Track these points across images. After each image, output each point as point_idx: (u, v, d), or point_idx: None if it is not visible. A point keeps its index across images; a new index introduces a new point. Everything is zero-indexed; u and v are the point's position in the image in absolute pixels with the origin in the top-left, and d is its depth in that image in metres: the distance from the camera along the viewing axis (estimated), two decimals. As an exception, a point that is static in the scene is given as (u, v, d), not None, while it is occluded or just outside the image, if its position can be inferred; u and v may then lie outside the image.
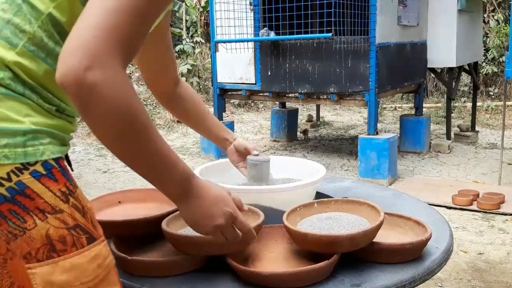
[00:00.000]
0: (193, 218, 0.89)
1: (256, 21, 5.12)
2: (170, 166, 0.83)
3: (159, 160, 0.81)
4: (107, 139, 0.77)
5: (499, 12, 9.67)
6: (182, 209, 0.90)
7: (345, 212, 1.17)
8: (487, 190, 4.09)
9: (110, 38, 0.73)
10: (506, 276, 2.76)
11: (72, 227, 0.82)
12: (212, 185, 0.92)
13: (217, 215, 0.89)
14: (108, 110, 0.73)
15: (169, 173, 0.84)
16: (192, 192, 0.88)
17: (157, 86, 1.30)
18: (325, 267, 0.97)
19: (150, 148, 0.79)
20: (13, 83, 0.80)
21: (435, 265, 1.06)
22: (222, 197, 0.91)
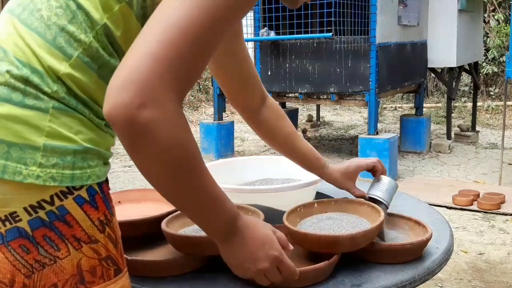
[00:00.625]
0: (235, 260, 0.85)
1: (256, 21, 5.12)
2: (219, 206, 0.79)
3: (208, 200, 0.77)
4: (157, 179, 0.72)
5: (500, 12, 9.67)
6: (224, 250, 0.85)
7: (345, 212, 1.17)
8: (488, 190, 4.09)
9: (169, 72, 0.66)
10: (506, 276, 2.76)
11: (104, 258, 0.78)
12: (258, 225, 0.87)
13: (262, 259, 0.83)
14: (161, 151, 0.67)
15: (217, 213, 0.79)
16: (237, 233, 0.82)
17: (237, 102, 1.19)
18: (325, 267, 0.97)
19: (201, 189, 0.75)
20: (67, 97, 0.74)
21: (436, 265, 1.06)
22: (268, 239, 0.85)
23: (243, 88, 1.15)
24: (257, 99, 1.18)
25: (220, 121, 5.66)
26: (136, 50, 0.67)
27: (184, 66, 0.68)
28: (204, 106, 8.80)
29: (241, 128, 7.43)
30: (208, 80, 9.24)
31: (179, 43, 0.66)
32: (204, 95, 9.14)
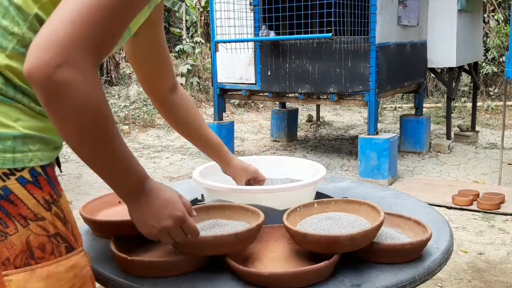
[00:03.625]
0: (141, 218, 0.90)
1: (256, 21, 5.12)
2: (129, 168, 0.85)
3: (119, 161, 0.82)
4: (71, 138, 0.77)
5: (499, 12, 9.67)
6: (131, 209, 0.90)
7: (345, 212, 1.17)
8: (487, 190, 4.09)
9: (85, 36, 0.72)
10: (506, 276, 2.76)
11: (52, 235, 0.83)
12: (164, 188, 0.93)
13: (165, 217, 0.90)
14: (74, 110, 0.73)
15: (127, 174, 0.85)
16: (143, 193, 0.88)
17: (150, 88, 1.26)
18: (325, 267, 0.97)
19: (112, 150, 0.80)
20: (4, 87, 0.80)
21: (435, 265, 1.06)
22: (172, 200, 0.91)
23: (156, 74, 1.21)
24: (168, 86, 1.25)
25: (220, 121, 5.66)
26: (57, 15, 0.73)
27: (101, 31, 0.74)
28: (204, 106, 8.80)
29: (241, 128, 7.43)
30: (208, 80, 9.24)
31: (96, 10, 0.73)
32: (204, 95, 9.14)
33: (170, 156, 5.80)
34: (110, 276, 1.02)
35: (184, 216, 0.92)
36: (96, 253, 1.13)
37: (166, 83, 1.24)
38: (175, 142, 6.56)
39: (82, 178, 4.83)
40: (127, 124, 7.23)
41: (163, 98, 1.27)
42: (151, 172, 5.11)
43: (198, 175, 1.35)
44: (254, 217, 1.09)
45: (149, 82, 1.24)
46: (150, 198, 0.89)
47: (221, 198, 1.25)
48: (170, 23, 13.71)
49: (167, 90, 1.26)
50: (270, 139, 6.71)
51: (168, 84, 1.25)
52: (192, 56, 9.68)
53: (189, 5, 11.53)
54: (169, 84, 1.25)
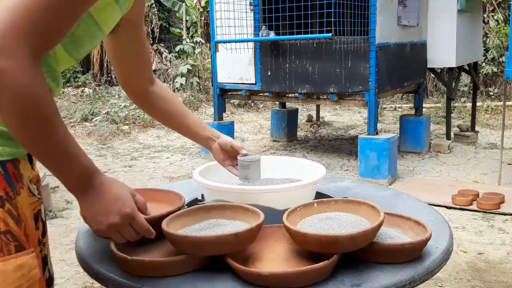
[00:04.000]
0: (89, 213, 0.90)
1: (256, 21, 5.12)
2: (72, 159, 0.84)
3: (61, 153, 0.82)
4: (11, 127, 0.77)
5: (499, 12, 9.68)
6: (80, 203, 0.90)
7: (345, 212, 1.17)
8: (487, 190, 4.09)
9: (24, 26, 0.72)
10: (506, 276, 2.76)
11: (2, 232, 0.83)
12: (116, 184, 0.92)
13: (113, 213, 0.89)
14: (10, 99, 0.73)
15: (70, 166, 0.84)
16: (92, 188, 0.88)
17: (130, 85, 1.26)
18: (325, 267, 0.97)
19: (53, 140, 0.80)
20: None
21: (435, 265, 1.06)
22: (122, 196, 0.91)
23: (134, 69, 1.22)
24: (146, 79, 1.26)
25: (220, 121, 5.66)
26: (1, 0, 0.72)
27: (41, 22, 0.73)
28: (204, 106, 8.80)
29: (241, 128, 7.43)
30: (208, 80, 9.24)
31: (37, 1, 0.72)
32: (204, 95, 9.14)
33: (170, 156, 5.80)
34: (110, 276, 1.02)
35: (133, 213, 0.91)
36: (96, 253, 1.13)
37: (144, 77, 1.25)
38: (175, 142, 6.56)
39: (82, 178, 4.83)
40: (127, 124, 7.24)
41: (143, 93, 1.27)
42: (151, 172, 5.11)
43: (198, 175, 1.35)
44: (254, 217, 1.09)
45: (128, 78, 1.25)
46: (99, 193, 0.88)
47: (221, 198, 1.25)
48: (170, 23, 13.71)
49: (145, 84, 1.26)
50: (270, 139, 6.71)
51: (145, 78, 1.25)
52: (192, 56, 9.68)
53: (189, 5, 11.54)
54: (147, 78, 1.26)
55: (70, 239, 3.32)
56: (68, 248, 3.18)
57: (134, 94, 1.28)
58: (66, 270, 2.91)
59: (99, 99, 8.59)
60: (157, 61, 10.98)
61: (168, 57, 11.11)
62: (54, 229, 3.53)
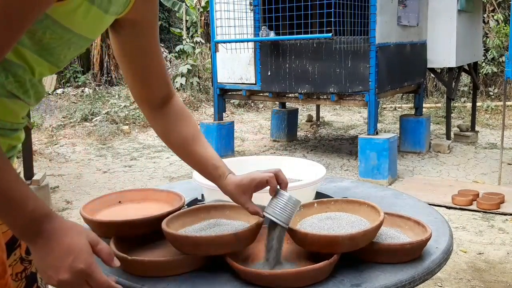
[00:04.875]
0: (40, 264, 0.79)
1: (256, 21, 5.12)
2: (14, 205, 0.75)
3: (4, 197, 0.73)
4: None
5: (499, 12, 9.68)
6: (32, 251, 0.80)
7: (345, 212, 1.17)
8: (487, 190, 4.09)
9: None
10: (506, 276, 2.76)
11: None
12: (71, 231, 0.79)
13: (64, 269, 0.76)
14: None
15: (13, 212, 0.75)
16: (41, 236, 0.77)
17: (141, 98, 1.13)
18: (325, 267, 0.97)
19: None
20: None
21: (435, 265, 1.06)
22: (76, 248, 0.77)
23: (145, 82, 1.10)
24: (160, 96, 1.12)
25: (220, 121, 5.66)
26: None
27: None
28: (204, 106, 8.80)
29: (241, 128, 7.43)
30: (208, 81, 9.24)
31: None
32: (204, 95, 9.14)
33: (170, 156, 5.80)
34: (111, 276, 1.02)
35: (89, 270, 0.77)
36: (97, 253, 1.13)
37: (159, 92, 1.11)
38: (175, 142, 6.55)
39: (82, 178, 4.83)
40: (127, 124, 7.24)
41: (153, 109, 1.13)
42: (151, 172, 5.11)
43: (198, 175, 1.35)
44: (254, 217, 1.09)
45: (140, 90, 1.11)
46: (50, 242, 0.77)
47: (221, 198, 1.25)
48: (170, 23, 13.72)
49: (159, 100, 1.12)
50: (270, 139, 6.71)
51: (160, 95, 1.12)
52: (192, 56, 9.68)
53: (189, 5, 11.54)
54: (161, 95, 1.12)
55: (70, 239, 3.32)
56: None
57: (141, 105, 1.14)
58: (66, 270, 2.91)
59: (99, 99, 8.60)
60: (157, 61, 10.97)
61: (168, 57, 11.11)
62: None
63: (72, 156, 5.79)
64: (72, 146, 6.28)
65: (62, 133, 6.85)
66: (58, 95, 8.96)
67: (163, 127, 1.14)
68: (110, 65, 10.15)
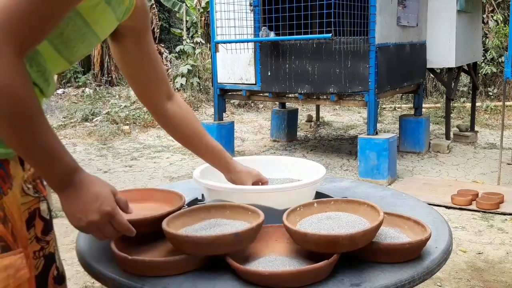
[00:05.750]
0: (69, 210, 0.90)
1: (256, 21, 5.12)
2: (54, 157, 0.85)
3: (42, 151, 0.83)
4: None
5: (498, 12, 9.68)
6: (61, 200, 0.90)
7: (344, 212, 1.17)
8: (486, 190, 4.10)
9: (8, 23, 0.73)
10: (505, 275, 2.77)
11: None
12: (97, 182, 0.93)
13: (93, 211, 0.90)
14: None
15: (52, 163, 0.85)
16: (73, 185, 0.89)
17: (146, 98, 1.24)
18: (325, 267, 0.97)
19: (34, 139, 0.81)
20: None
21: (435, 264, 1.07)
22: (102, 194, 0.91)
23: (149, 83, 1.20)
24: (164, 95, 1.24)
25: (220, 121, 5.67)
26: None
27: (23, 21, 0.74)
28: (204, 107, 8.80)
29: (241, 128, 7.43)
30: (208, 81, 9.24)
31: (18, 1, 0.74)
32: (204, 96, 9.15)
33: (170, 156, 5.80)
34: (111, 275, 1.02)
35: (113, 212, 0.91)
36: (97, 253, 1.14)
37: (161, 92, 1.23)
38: (176, 142, 6.56)
39: (82, 178, 4.83)
40: (127, 124, 7.24)
41: (160, 108, 1.25)
42: (151, 172, 5.12)
43: (199, 175, 1.36)
44: (254, 217, 1.10)
45: (144, 93, 1.23)
46: (79, 191, 0.89)
47: (221, 198, 1.26)
48: (171, 24, 13.71)
49: (163, 100, 1.24)
50: (270, 139, 6.71)
51: (163, 93, 1.24)
52: (192, 57, 9.68)
53: (190, 5, 11.54)
54: (164, 93, 1.24)
55: (71, 238, 3.32)
56: (69, 247, 3.18)
57: (150, 109, 1.27)
58: (66, 269, 2.89)
59: (100, 99, 8.60)
60: (157, 61, 10.97)
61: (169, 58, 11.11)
62: (55, 229, 3.53)
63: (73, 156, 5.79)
64: (72, 146, 6.28)
65: (63, 133, 6.85)
66: (59, 95, 8.96)
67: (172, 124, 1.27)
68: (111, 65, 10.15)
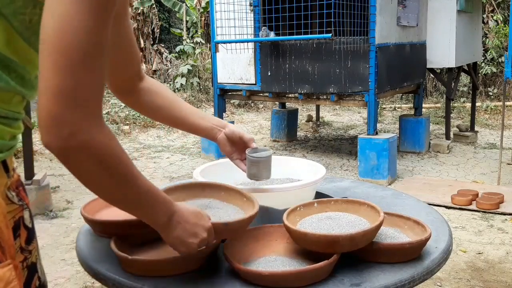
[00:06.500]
0: (180, 240, 0.93)
1: (256, 21, 5.12)
2: (155, 201, 0.89)
3: (144, 199, 0.86)
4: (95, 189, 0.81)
5: (498, 12, 9.68)
6: (168, 235, 0.93)
7: (344, 212, 1.17)
8: (486, 190, 4.10)
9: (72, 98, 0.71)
10: (505, 275, 2.77)
11: None
12: (187, 206, 0.97)
13: (201, 230, 0.94)
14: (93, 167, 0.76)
15: (155, 207, 0.89)
16: (177, 216, 0.92)
17: (115, 80, 1.16)
18: (325, 267, 0.97)
19: (135, 190, 0.84)
20: None
21: (435, 264, 1.07)
22: (199, 214, 0.96)
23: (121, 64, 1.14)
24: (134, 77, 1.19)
25: (220, 121, 5.66)
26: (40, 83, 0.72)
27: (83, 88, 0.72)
28: (204, 107, 8.80)
29: (241, 128, 7.43)
30: (208, 81, 9.24)
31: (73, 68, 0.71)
32: (204, 96, 9.15)
33: (170, 156, 5.80)
34: (111, 275, 1.02)
35: (211, 226, 0.97)
36: (97, 253, 1.14)
37: (130, 72, 1.17)
38: (176, 142, 6.56)
39: (82, 178, 4.83)
40: (127, 124, 7.24)
41: (129, 89, 1.19)
42: (151, 172, 5.12)
43: (198, 175, 1.35)
44: (248, 205, 1.09)
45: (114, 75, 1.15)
46: (184, 216, 0.93)
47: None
48: (171, 24, 13.71)
49: (132, 80, 1.18)
50: (270, 139, 6.72)
51: (132, 74, 1.17)
52: (192, 57, 9.69)
53: (190, 5, 11.54)
54: (134, 74, 1.18)
55: (70, 238, 3.32)
56: (69, 247, 3.18)
57: (117, 89, 1.19)
58: (66, 269, 2.91)
59: (99, 99, 8.58)
60: (157, 62, 10.98)
61: (169, 58, 11.12)
62: (55, 229, 3.54)
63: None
64: (72, 146, 6.27)
65: (62, 133, 6.84)
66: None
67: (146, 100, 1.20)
68: (110, 65, 10.15)
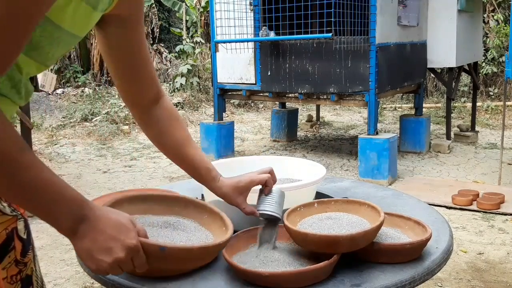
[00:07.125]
0: (87, 253, 0.78)
1: (256, 21, 5.12)
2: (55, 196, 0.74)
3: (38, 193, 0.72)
4: None
5: (499, 12, 9.68)
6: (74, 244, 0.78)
7: (345, 212, 1.17)
8: (487, 190, 4.09)
9: None
10: (506, 276, 2.76)
11: None
12: (112, 213, 0.81)
13: (118, 248, 0.77)
14: None
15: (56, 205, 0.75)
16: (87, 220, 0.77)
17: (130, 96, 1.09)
18: (325, 267, 0.97)
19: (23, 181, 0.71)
20: None
21: (435, 265, 1.06)
22: (125, 226, 0.79)
23: (134, 82, 1.07)
24: (150, 97, 1.10)
25: (220, 121, 5.66)
26: None
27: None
28: (204, 107, 8.80)
29: (241, 128, 7.43)
30: (208, 81, 9.24)
31: None
32: (204, 95, 9.14)
33: (170, 156, 5.79)
34: (110, 276, 1.02)
35: (138, 246, 0.80)
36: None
37: (148, 92, 1.09)
38: (175, 142, 6.55)
39: (82, 178, 4.83)
40: (127, 124, 7.24)
41: (144, 111, 1.11)
42: (151, 172, 5.11)
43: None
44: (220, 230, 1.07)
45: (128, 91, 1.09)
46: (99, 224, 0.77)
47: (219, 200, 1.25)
48: (170, 23, 13.72)
49: (149, 101, 1.10)
50: (270, 139, 6.71)
51: (150, 95, 1.10)
52: (192, 56, 9.68)
53: (189, 5, 11.54)
54: (152, 94, 1.10)
55: (70, 239, 3.32)
56: (68, 248, 3.18)
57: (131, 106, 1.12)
58: (66, 270, 2.91)
59: (99, 99, 8.60)
60: (157, 61, 10.99)
61: (168, 57, 11.12)
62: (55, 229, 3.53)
63: (72, 156, 5.79)
64: (72, 146, 6.28)
65: (62, 133, 6.85)
66: (58, 95, 8.96)
67: (155, 130, 1.12)
68: (110, 65, 10.15)
